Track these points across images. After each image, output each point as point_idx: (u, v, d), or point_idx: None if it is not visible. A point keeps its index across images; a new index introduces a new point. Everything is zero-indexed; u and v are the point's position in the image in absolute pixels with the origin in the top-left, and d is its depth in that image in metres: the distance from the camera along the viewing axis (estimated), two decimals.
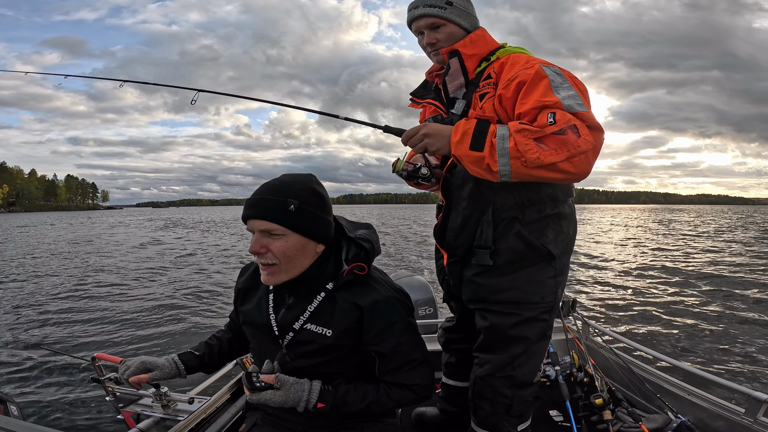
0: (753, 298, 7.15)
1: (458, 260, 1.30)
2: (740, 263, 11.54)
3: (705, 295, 7.48)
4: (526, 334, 1.22)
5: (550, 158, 0.98)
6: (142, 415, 1.40)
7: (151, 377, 1.13)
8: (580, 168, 1.00)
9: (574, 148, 0.98)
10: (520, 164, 1.00)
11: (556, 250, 1.19)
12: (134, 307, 6.67)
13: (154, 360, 1.16)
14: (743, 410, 1.41)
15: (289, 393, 0.99)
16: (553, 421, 1.74)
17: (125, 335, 5.23)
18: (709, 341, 4.93)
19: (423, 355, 1.12)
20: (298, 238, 1.01)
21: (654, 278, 9.29)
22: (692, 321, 5.77)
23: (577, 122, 1.00)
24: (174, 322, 5.84)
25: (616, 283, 8.73)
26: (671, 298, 7.20)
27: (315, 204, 1.03)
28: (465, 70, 1.25)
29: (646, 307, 6.63)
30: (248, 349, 1.30)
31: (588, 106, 1.06)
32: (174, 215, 73.36)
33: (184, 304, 6.86)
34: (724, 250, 14.58)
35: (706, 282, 8.72)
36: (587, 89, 1.13)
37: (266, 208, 0.99)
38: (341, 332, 1.05)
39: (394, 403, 1.09)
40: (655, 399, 1.69)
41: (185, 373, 1.19)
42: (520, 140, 1.00)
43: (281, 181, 1.04)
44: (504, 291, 1.21)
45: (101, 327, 5.58)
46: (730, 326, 5.51)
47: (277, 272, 1.02)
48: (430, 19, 1.24)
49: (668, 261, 11.99)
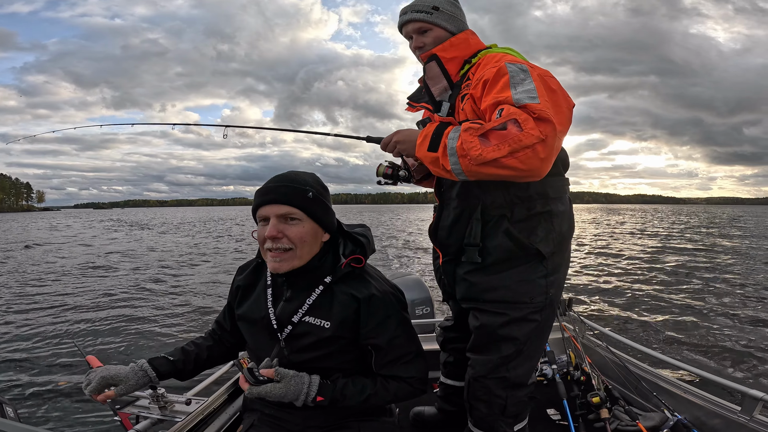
0: (748, 296, 7.20)
1: (452, 259, 1.31)
2: (732, 262, 11.61)
3: (701, 293, 7.53)
4: (515, 334, 1.22)
5: (492, 154, 0.95)
6: (139, 416, 1.39)
7: (116, 393, 1.08)
8: (529, 164, 0.95)
9: (515, 143, 0.94)
10: (467, 162, 0.99)
11: (546, 249, 1.18)
12: (133, 308, 6.64)
13: (116, 372, 1.09)
14: (739, 408, 1.42)
15: (289, 386, 1.00)
16: (550, 420, 1.75)
17: (122, 335, 5.20)
18: (705, 339, 4.96)
19: (417, 349, 1.15)
20: (312, 224, 1.05)
21: (650, 277, 9.34)
22: (688, 319, 5.80)
23: (522, 115, 0.96)
24: (174, 324, 5.83)
25: (613, 282, 8.77)
26: (668, 296, 7.24)
27: (324, 195, 1.10)
28: (447, 74, 1.27)
29: (641, 304, 6.66)
30: (229, 357, 1.32)
31: (544, 99, 0.99)
32: (127, 216, 66.07)
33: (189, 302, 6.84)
34: (713, 249, 14.65)
35: (701, 280, 8.78)
36: (561, 86, 1.09)
37: (286, 194, 1.03)
38: (339, 324, 1.07)
39: (391, 396, 1.10)
40: (652, 397, 1.70)
41: (157, 380, 1.15)
42: (465, 138, 1.00)
43: (294, 173, 1.09)
44: (494, 290, 1.21)
45: (98, 327, 5.56)
46: (725, 324, 5.55)
47: (290, 258, 1.04)
48: (417, 23, 1.28)
49: (662, 259, 12.06)
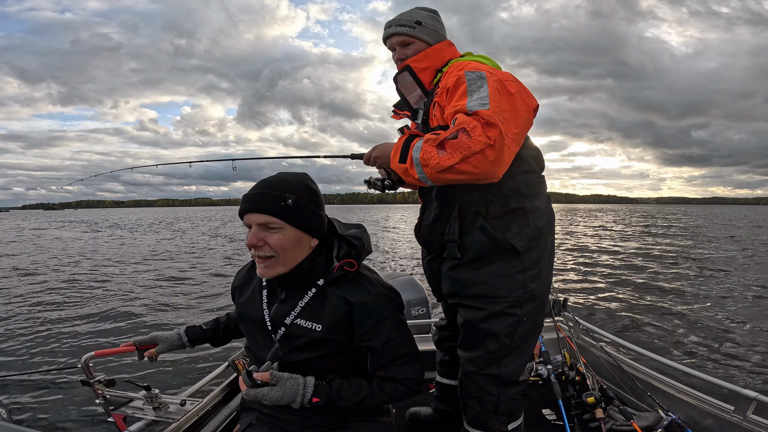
0: (744, 296, 7.26)
1: (436, 256, 1.36)
2: (725, 263, 11.70)
3: (696, 293, 7.57)
4: (495, 329, 1.24)
5: (448, 162, 1.02)
6: (133, 417, 1.38)
7: (156, 351, 1.29)
8: (481, 168, 1.02)
9: (465, 150, 1.01)
10: (430, 170, 1.06)
11: (520, 244, 1.21)
12: (129, 308, 6.61)
13: (161, 334, 1.34)
14: (732, 408, 1.43)
15: (285, 388, 1.00)
16: (545, 420, 1.75)
17: (116, 334, 5.18)
18: (699, 339, 5.00)
19: (413, 351, 1.15)
20: (295, 231, 1.04)
21: (645, 277, 9.38)
22: (683, 320, 5.84)
23: (472, 123, 1.02)
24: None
25: (607, 282, 8.81)
26: (662, 297, 7.29)
27: (310, 199, 1.07)
28: (420, 83, 1.34)
29: (635, 305, 6.70)
30: None
31: (495, 104, 1.05)
32: (88, 217, 60.13)
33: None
34: (704, 250, 14.76)
35: (697, 280, 8.84)
36: (522, 89, 1.14)
37: (265, 202, 1.02)
38: (331, 327, 1.07)
39: (387, 397, 1.11)
40: (646, 397, 1.71)
41: (188, 345, 1.36)
42: (426, 149, 1.07)
43: (279, 178, 1.07)
44: (474, 285, 1.25)
45: (89, 328, 5.53)
46: (719, 324, 5.59)
47: (274, 265, 1.05)
48: (401, 37, 1.37)
49: (659, 259, 12.13)
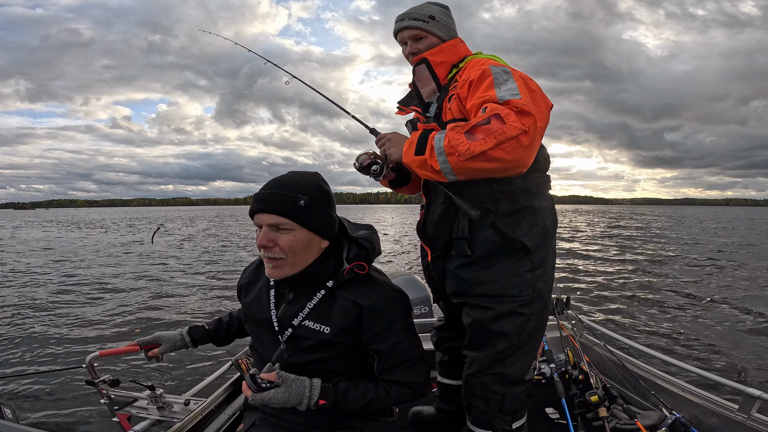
0: (745, 295, 7.22)
1: (440, 254, 1.33)
2: (729, 262, 11.64)
3: (699, 292, 7.55)
4: (506, 328, 1.23)
5: (480, 147, 0.99)
6: (137, 417, 1.39)
7: (160, 351, 1.31)
8: (515, 154, 0.99)
9: (500, 135, 0.98)
10: (456, 158, 1.02)
11: (531, 242, 1.21)
12: (127, 308, 6.64)
13: (164, 334, 1.34)
14: (737, 406, 1.42)
15: (291, 390, 0.98)
16: (549, 419, 1.75)
17: (120, 335, 5.20)
18: (703, 338, 4.97)
19: (420, 354, 1.14)
20: (305, 233, 1.02)
21: (648, 276, 9.36)
22: (687, 318, 5.82)
23: (504, 110, 1.00)
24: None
25: (610, 280, 8.78)
26: (666, 295, 7.26)
27: (322, 200, 1.05)
28: (435, 77, 1.32)
29: (639, 303, 6.68)
30: None
31: (525, 96, 1.04)
32: (67, 217, 56.99)
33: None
34: (708, 248, 14.68)
35: (696, 280, 8.80)
36: (539, 88, 1.13)
37: (276, 202, 1.00)
38: (339, 330, 1.05)
39: (393, 400, 1.10)
40: (650, 396, 1.70)
41: (191, 345, 1.36)
42: (452, 136, 1.04)
43: (290, 177, 1.05)
44: (483, 284, 1.23)
45: (93, 328, 5.55)
46: (723, 323, 5.57)
47: (282, 266, 1.03)
48: (413, 31, 1.34)
49: (660, 259, 12.08)
